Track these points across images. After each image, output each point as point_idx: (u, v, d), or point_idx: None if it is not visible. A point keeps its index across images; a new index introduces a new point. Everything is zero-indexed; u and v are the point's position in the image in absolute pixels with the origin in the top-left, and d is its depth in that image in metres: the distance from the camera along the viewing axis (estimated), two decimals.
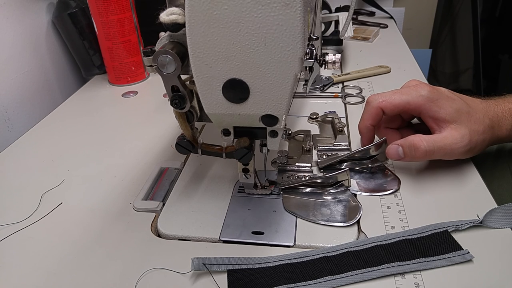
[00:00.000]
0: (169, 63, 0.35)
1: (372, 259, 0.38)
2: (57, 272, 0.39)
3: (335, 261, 0.38)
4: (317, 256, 0.38)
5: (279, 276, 0.37)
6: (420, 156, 0.45)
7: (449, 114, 0.45)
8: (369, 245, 0.39)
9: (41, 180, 0.53)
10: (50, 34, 0.82)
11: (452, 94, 0.47)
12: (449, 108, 0.45)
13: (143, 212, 0.46)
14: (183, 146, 0.43)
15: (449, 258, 0.37)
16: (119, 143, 0.61)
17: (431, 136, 0.46)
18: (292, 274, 0.37)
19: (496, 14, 1.58)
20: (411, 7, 1.28)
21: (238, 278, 0.37)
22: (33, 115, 0.75)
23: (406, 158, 0.46)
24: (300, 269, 0.37)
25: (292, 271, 0.37)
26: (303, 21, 0.31)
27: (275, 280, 0.36)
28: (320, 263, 0.38)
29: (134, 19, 0.77)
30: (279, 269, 0.38)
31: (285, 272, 0.37)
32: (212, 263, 0.38)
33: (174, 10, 0.34)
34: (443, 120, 0.45)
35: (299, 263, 0.38)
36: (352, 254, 0.38)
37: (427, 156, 0.45)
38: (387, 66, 0.79)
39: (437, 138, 0.45)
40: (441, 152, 0.45)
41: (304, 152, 0.54)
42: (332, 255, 0.38)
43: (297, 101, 0.70)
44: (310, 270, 0.37)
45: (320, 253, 0.39)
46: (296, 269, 0.37)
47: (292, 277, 0.37)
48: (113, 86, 0.82)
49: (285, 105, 0.35)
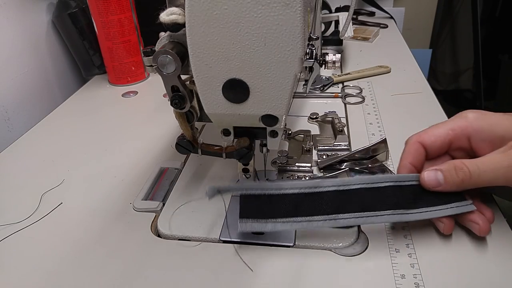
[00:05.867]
0: (169, 63, 0.35)
1: (379, 200, 0.37)
2: (57, 272, 0.39)
3: (345, 196, 0.37)
4: (330, 189, 0.38)
5: (289, 205, 0.37)
6: (466, 179, 0.36)
7: (507, 129, 0.36)
8: (383, 184, 0.38)
9: (41, 180, 0.53)
10: (50, 34, 0.82)
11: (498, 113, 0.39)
12: (505, 121, 0.36)
13: (143, 212, 0.46)
14: (183, 146, 0.43)
15: (452, 208, 0.37)
16: (119, 143, 0.61)
17: (481, 157, 0.37)
18: (302, 205, 0.37)
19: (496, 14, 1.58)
20: (411, 7, 1.28)
21: (250, 203, 0.37)
22: (33, 115, 0.75)
23: (447, 186, 0.37)
24: (311, 200, 0.37)
25: (302, 202, 0.37)
26: (303, 21, 0.31)
27: (285, 210, 0.37)
28: (331, 197, 0.37)
29: (134, 19, 0.77)
30: (291, 197, 0.37)
31: (298, 202, 0.37)
32: (225, 189, 0.37)
33: (174, 10, 0.34)
34: (501, 138, 0.36)
35: (310, 194, 0.38)
36: (364, 191, 0.38)
37: (476, 180, 0.35)
38: (387, 66, 0.79)
39: (488, 156, 0.36)
40: (496, 174, 0.35)
41: (304, 152, 0.54)
42: (344, 189, 0.38)
43: (297, 101, 0.70)
44: (320, 202, 0.37)
45: (333, 185, 0.38)
46: (307, 200, 0.37)
47: (301, 209, 0.37)
48: (113, 86, 0.82)
49: (285, 105, 0.35)
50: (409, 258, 0.38)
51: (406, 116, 0.62)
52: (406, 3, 1.27)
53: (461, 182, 0.36)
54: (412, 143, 0.41)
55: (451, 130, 0.39)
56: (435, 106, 0.65)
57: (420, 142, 0.40)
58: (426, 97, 0.68)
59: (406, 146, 0.41)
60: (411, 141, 0.41)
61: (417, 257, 0.38)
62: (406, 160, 0.40)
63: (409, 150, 0.41)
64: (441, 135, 0.40)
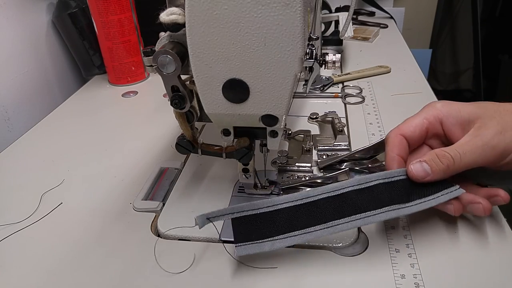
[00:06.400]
0: (169, 63, 0.35)
1: (373, 199, 0.37)
2: (57, 272, 0.39)
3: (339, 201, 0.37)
4: (321, 197, 0.38)
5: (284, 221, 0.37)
6: (450, 165, 0.37)
7: (471, 112, 0.39)
8: (372, 183, 0.38)
9: (41, 180, 0.53)
10: (50, 34, 0.82)
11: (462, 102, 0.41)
12: (469, 106, 0.39)
13: (143, 212, 0.46)
14: (183, 146, 0.43)
15: (444, 195, 0.38)
16: (119, 143, 0.61)
17: (457, 143, 0.39)
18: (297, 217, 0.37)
19: (496, 14, 1.58)
20: (411, 7, 1.28)
21: (243, 226, 0.37)
22: (33, 115, 0.75)
23: (435, 174, 0.38)
24: (304, 211, 0.37)
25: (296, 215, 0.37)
26: (303, 21, 0.31)
27: (280, 226, 0.36)
28: (324, 204, 0.37)
29: (134, 19, 0.77)
30: (284, 212, 0.37)
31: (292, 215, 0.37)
32: (215, 216, 0.37)
33: (174, 10, 0.34)
34: (467, 121, 0.39)
35: (303, 205, 0.37)
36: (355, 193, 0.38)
37: (459, 164, 0.37)
38: (387, 66, 0.79)
39: (463, 140, 0.38)
40: (474, 154, 0.37)
41: (304, 152, 0.54)
42: (335, 194, 0.38)
43: (297, 101, 0.70)
44: (315, 211, 0.37)
45: (323, 192, 0.38)
46: (300, 212, 0.37)
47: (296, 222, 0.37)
48: (113, 86, 0.82)
49: (285, 105, 0.35)
50: (409, 258, 0.38)
51: (406, 116, 0.61)
52: (406, 3, 1.27)
53: (446, 168, 0.37)
54: (394, 136, 0.42)
55: (425, 119, 0.41)
56: None
57: (401, 134, 0.42)
58: (426, 97, 0.68)
59: (389, 140, 0.43)
60: (392, 135, 0.42)
61: (417, 257, 0.38)
62: (393, 152, 0.41)
63: (393, 143, 0.42)
64: (418, 124, 0.42)
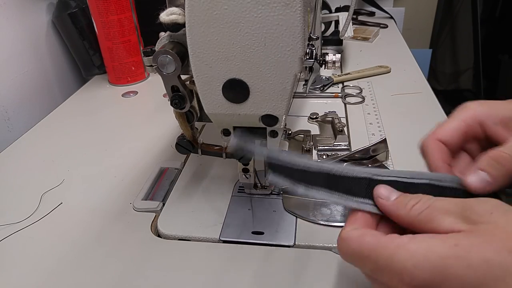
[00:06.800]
0: (169, 63, 0.35)
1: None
2: (57, 271, 0.39)
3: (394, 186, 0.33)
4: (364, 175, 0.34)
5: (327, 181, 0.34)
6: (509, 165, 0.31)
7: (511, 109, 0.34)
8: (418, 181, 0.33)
9: (41, 180, 0.53)
10: (50, 34, 0.82)
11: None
12: (505, 104, 0.34)
13: (143, 212, 0.46)
14: (183, 146, 0.43)
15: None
16: (119, 143, 0.61)
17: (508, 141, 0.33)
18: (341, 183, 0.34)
19: (496, 14, 1.58)
20: (411, 7, 1.28)
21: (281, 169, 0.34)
22: (33, 115, 0.75)
23: (496, 181, 0.31)
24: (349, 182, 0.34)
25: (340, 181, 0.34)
26: (303, 21, 0.31)
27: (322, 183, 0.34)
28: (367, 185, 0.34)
29: (134, 19, 0.77)
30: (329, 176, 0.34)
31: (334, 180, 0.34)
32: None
33: (174, 10, 0.34)
34: (509, 119, 0.34)
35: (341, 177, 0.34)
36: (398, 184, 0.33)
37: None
38: (387, 66, 0.79)
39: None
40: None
41: (304, 152, 0.54)
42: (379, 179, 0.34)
43: (297, 101, 0.70)
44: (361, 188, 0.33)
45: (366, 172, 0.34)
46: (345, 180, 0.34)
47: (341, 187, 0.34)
48: (113, 86, 0.82)
49: (285, 105, 0.35)
50: None
51: (406, 116, 0.63)
52: (406, 3, 1.27)
53: (508, 171, 0.31)
54: (432, 142, 0.36)
55: (462, 121, 0.36)
56: (435, 106, 0.65)
57: (438, 139, 0.36)
58: (426, 97, 0.68)
59: (428, 148, 0.36)
60: (430, 142, 0.36)
61: None
62: (438, 161, 0.35)
63: (432, 150, 0.36)
64: (455, 128, 0.36)
